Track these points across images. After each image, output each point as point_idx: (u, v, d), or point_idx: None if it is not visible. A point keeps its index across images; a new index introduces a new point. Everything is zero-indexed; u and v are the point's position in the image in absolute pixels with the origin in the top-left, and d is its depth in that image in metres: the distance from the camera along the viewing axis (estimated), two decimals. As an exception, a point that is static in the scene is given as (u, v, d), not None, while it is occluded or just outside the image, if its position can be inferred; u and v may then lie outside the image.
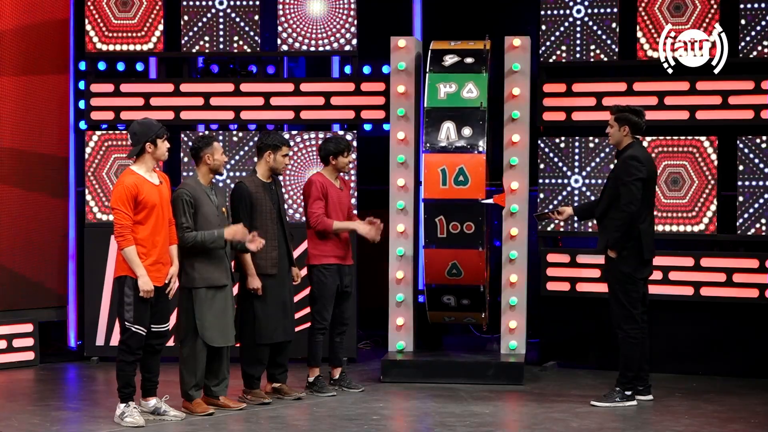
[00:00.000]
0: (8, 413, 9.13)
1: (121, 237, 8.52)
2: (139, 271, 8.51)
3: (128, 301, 8.57)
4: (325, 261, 9.69)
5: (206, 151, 9.07)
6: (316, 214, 9.64)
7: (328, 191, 9.70)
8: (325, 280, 9.68)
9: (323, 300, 9.70)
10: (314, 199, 9.66)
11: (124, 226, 8.50)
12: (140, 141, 8.62)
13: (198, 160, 9.12)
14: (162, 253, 8.65)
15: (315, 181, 9.75)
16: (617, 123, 9.48)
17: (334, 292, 9.73)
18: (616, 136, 9.51)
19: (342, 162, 9.76)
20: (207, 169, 9.10)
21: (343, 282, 9.78)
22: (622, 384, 9.44)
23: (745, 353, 10.66)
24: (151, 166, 8.69)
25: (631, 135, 9.46)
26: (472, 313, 10.70)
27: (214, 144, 9.09)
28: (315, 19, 11.31)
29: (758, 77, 10.59)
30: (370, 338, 12.08)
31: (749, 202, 10.62)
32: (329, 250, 9.71)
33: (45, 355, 11.36)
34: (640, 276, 9.44)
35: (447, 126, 10.39)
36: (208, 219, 9.04)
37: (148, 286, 8.52)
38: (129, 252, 8.52)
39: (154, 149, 8.64)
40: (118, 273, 8.65)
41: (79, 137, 11.68)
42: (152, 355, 8.80)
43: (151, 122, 8.74)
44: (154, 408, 8.84)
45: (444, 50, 10.63)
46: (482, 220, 10.33)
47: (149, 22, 11.39)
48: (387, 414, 9.32)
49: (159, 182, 8.71)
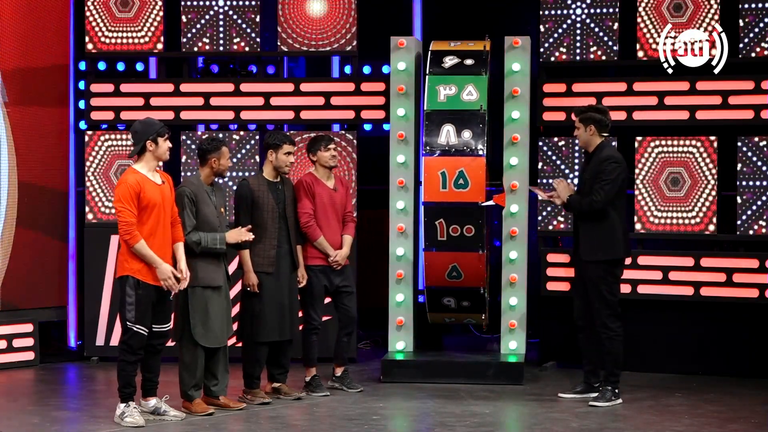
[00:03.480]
0: (8, 413, 9.14)
1: (129, 235, 8.50)
2: (156, 262, 8.50)
3: (130, 301, 8.57)
4: (312, 262, 9.74)
5: (213, 155, 9.09)
6: (308, 214, 9.67)
7: (315, 190, 9.72)
8: (311, 281, 9.72)
9: (311, 300, 9.75)
10: (300, 198, 9.71)
11: (130, 224, 8.49)
12: (141, 139, 8.61)
13: (203, 161, 9.13)
14: (162, 252, 8.64)
15: (302, 180, 9.82)
16: (582, 124, 9.49)
17: (322, 293, 9.76)
18: (583, 137, 9.51)
19: (323, 156, 9.77)
20: (210, 171, 9.12)
21: (333, 282, 9.78)
22: (613, 383, 9.48)
23: (745, 353, 10.66)
24: (153, 166, 8.68)
25: (598, 134, 9.46)
26: (473, 315, 10.72)
27: (222, 149, 9.12)
28: (315, 19, 11.32)
29: (758, 77, 10.59)
30: (370, 338, 12.08)
31: (749, 202, 10.62)
32: (316, 252, 9.74)
33: (45, 355, 11.36)
34: (620, 274, 9.57)
35: (447, 129, 10.39)
36: (207, 219, 9.05)
37: (166, 274, 8.52)
38: (140, 248, 8.49)
39: (156, 148, 8.64)
40: (120, 273, 8.65)
41: (79, 137, 11.68)
42: (153, 355, 8.81)
43: (152, 121, 8.74)
44: (154, 408, 8.85)
45: (444, 51, 10.62)
46: (482, 223, 10.34)
47: (149, 22, 11.39)
48: (387, 414, 9.33)
49: (161, 182, 8.70)
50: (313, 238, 9.71)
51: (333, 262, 9.75)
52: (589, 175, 9.45)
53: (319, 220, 9.74)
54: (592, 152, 9.51)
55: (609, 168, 9.36)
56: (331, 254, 9.74)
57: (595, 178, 9.37)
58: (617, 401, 9.47)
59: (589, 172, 9.47)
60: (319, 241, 9.72)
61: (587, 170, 9.54)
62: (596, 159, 9.44)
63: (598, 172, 9.38)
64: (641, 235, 10.89)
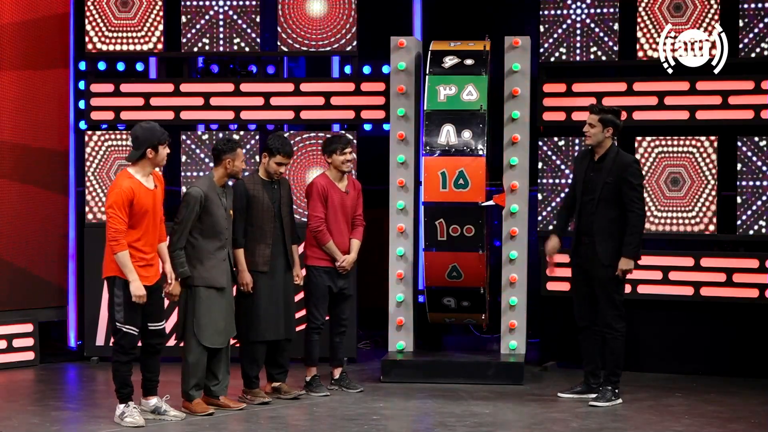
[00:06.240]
0: (8, 413, 9.14)
1: (115, 241, 8.51)
2: (132, 276, 8.51)
3: (118, 301, 8.58)
4: (318, 263, 9.74)
5: (228, 156, 9.09)
6: (319, 218, 9.67)
7: (329, 194, 9.71)
8: (316, 281, 9.73)
9: (314, 300, 9.75)
10: (314, 202, 9.69)
11: (118, 231, 8.50)
12: (142, 146, 8.60)
13: (218, 161, 9.14)
14: (151, 254, 8.68)
15: (316, 183, 9.78)
16: (601, 124, 9.45)
17: (325, 293, 9.75)
18: (598, 137, 9.47)
19: (336, 160, 9.76)
20: (224, 172, 9.13)
21: (337, 284, 9.78)
22: (614, 383, 9.49)
23: (745, 353, 10.66)
24: (149, 171, 8.67)
25: (612, 137, 9.48)
26: (473, 315, 10.72)
27: (237, 150, 9.13)
28: (315, 19, 11.31)
29: (758, 77, 10.59)
30: (370, 338, 12.08)
31: (749, 202, 10.62)
32: (322, 252, 9.73)
33: (45, 355, 11.36)
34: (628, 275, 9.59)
35: (447, 129, 10.39)
36: (216, 221, 9.06)
37: (140, 291, 8.52)
38: (122, 256, 8.51)
39: (155, 155, 8.63)
40: (107, 273, 8.66)
41: (79, 137, 11.67)
42: (152, 355, 8.82)
43: (154, 128, 8.69)
44: (155, 407, 8.85)
45: (444, 51, 10.62)
46: (482, 223, 10.34)
47: (149, 22, 11.39)
48: (387, 414, 9.32)
49: (154, 186, 8.70)
50: (322, 242, 9.70)
51: (339, 268, 9.75)
52: (613, 179, 9.38)
53: (330, 224, 9.73)
54: (602, 154, 9.47)
55: (635, 172, 9.39)
56: (339, 259, 9.74)
57: (622, 182, 9.34)
58: (617, 401, 9.47)
59: (612, 176, 9.38)
60: (328, 246, 9.71)
61: (605, 173, 9.42)
62: (615, 163, 9.38)
63: (624, 176, 9.35)
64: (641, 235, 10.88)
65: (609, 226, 9.42)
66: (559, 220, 9.91)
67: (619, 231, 9.40)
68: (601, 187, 9.44)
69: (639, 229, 9.39)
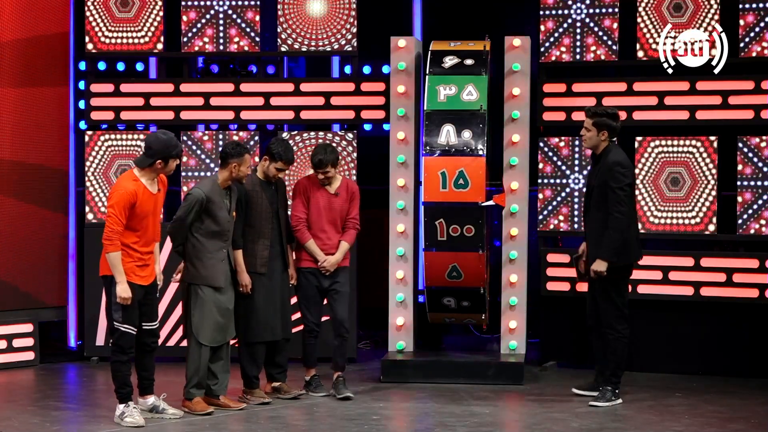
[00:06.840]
0: (8, 413, 9.14)
1: (109, 241, 8.53)
2: (120, 278, 8.54)
3: (116, 300, 8.59)
4: (303, 264, 9.72)
5: (234, 161, 9.11)
6: (298, 218, 9.67)
7: (311, 194, 9.69)
8: (303, 283, 9.72)
9: (304, 302, 9.75)
10: (295, 201, 9.71)
11: (114, 231, 8.51)
12: (153, 156, 8.60)
13: (224, 164, 9.16)
14: (148, 254, 8.71)
15: (299, 183, 9.82)
16: (596, 128, 9.47)
17: (315, 294, 9.73)
18: (594, 140, 9.50)
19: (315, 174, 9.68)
20: (229, 176, 9.15)
21: (323, 284, 9.74)
22: (614, 383, 9.50)
23: (745, 353, 10.66)
24: (154, 177, 8.70)
25: (608, 139, 9.48)
26: (473, 315, 10.71)
27: (245, 156, 9.15)
28: (315, 19, 11.31)
29: (758, 77, 10.59)
30: (370, 338, 12.07)
31: (749, 202, 10.62)
32: (307, 254, 9.72)
33: (45, 355, 11.35)
34: (630, 276, 9.62)
35: (447, 129, 10.39)
36: (219, 222, 9.08)
37: (125, 294, 8.54)
38: (114, 258, 8.53)
39: (164, 166, 8.66)
40: (104, 271, 8.68)
41: (79, 137, 11.67)
42: (147, 353, 8.85)
43: (169, 142, 8.66)
44: (153, 406, 8.87)
45: (444, 51, 10.62)
46: (482, 223, 10.34)
47: (149, 22, 11.39)
48: (387, 414, 9.33)
49: (157, 190, 8.73)
50: (301, 241, 9.68)
51: (321, 268, 9.72)
52: (598, 181, 9.42)
53: (312, 225, 9.69)
54: (599, 155, 9.50)
55: (617, 175, 9.34)
56: (320, 259, 9.71)
57: (605, 185, 9.35)
58: (617, 401, 9.47)
59: (598, 178, 9.44)
60: (308, 245, 9.68)
61: (595, 175, 9.51)
62: (604, 164, 9.41)
63: (606, 179, 9.36)
64: (641, 235, 10.86)
65: (599, 228, 9.44)
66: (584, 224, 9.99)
67: (609, 237, 9.41)
68: (592, 190, 9.48)
69: (617, 231, 9.35)
